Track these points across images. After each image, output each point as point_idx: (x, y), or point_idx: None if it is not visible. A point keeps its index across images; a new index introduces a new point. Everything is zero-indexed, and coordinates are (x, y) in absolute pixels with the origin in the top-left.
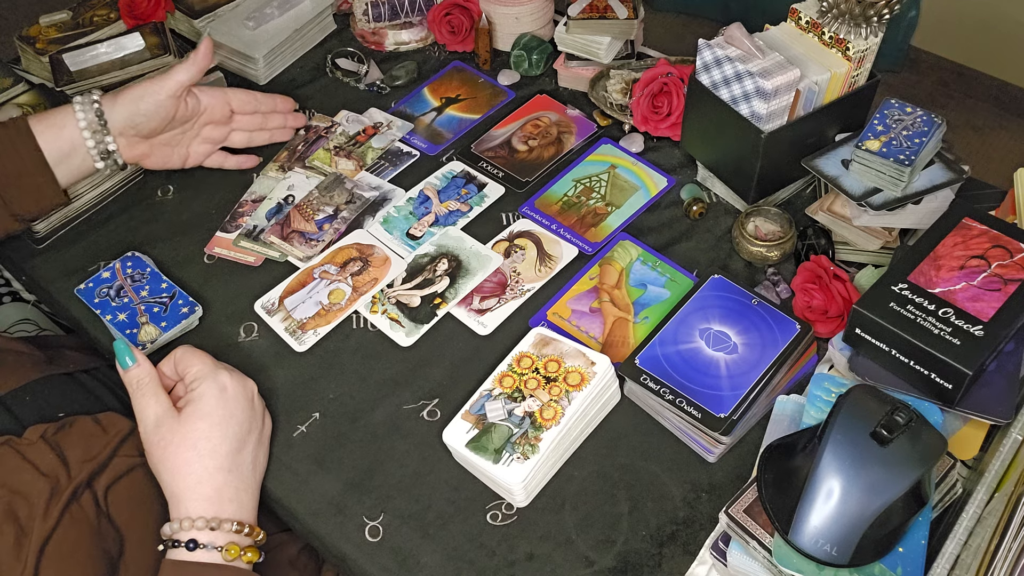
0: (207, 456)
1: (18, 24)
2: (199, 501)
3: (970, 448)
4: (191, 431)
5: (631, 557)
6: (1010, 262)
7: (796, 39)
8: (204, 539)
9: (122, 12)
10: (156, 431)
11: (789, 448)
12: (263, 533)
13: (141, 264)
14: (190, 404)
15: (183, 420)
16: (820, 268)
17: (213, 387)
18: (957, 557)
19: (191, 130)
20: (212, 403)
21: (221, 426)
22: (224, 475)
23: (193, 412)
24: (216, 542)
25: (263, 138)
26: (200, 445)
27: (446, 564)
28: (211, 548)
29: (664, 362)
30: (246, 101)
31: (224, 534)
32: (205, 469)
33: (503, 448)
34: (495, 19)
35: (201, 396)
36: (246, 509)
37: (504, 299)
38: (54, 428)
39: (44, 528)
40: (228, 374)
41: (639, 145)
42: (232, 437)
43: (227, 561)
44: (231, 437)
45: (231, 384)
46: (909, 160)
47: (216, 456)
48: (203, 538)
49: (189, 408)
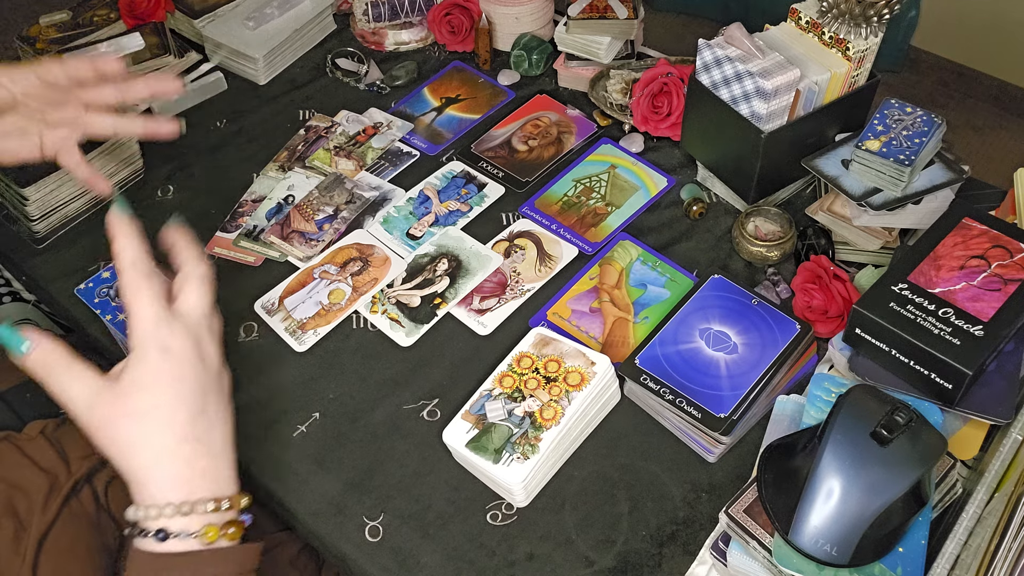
0: (163, 429)
1: (18, 24)
2: (164, 483)
3: (970, 448)
4: (136, 404)
5: (631, 557)
6: (1010, 262)
7: (796, 39)
8: (176, 527)
9: (122, 12)
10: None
11: (789, 448)
12: (247, 497)
13: None
14: (128, 371)
15: (122, 393)
16: (820, 268)
17: (153, 350)
18: (957, 557)
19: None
20: (154, 368)
21: (170, 393)
22: (189, 446)
23: (133, 382)
24: (190, 528)
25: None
26: (149, 419)
27: (446, 564)
28: (184, 536)
29: (664, 362)
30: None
31: (199, 516)
32: (163, 445)
33: (503, 448)
34: (495, 19)
35: (142, 359)
36: (222, 478)
37: (504, 299)
38: (54, 424)
39: (43, 522)
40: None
41: (639, 145)
42: (187, 403)
43: (205, 546)
44: (186, 403)
45: (175, 341)
46: (909, 160)
47: (174, 428)
48: (174, 526)
49: (127, 377)
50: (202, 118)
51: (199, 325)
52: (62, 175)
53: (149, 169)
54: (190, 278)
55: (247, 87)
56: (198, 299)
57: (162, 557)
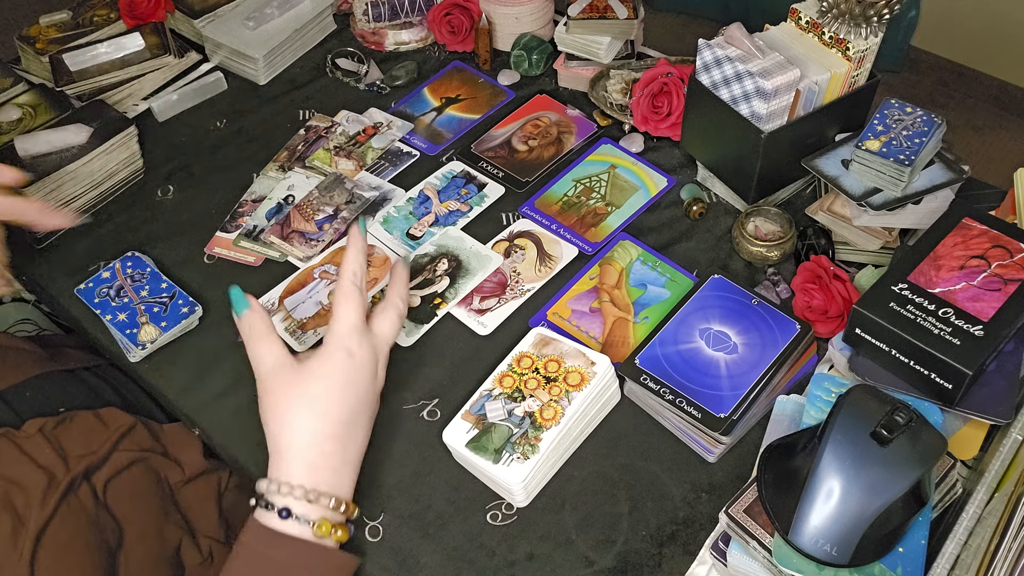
0: (320, 418)
1: (18, 24)
2: (301, 466)
3: (970, 448)
4: (310, 387)
5: (631, 557)
6: (1010, 262)
7: (796, 39)
8: (299, 510)
9: (122, 12)
10: (273, 375)
11: (789, 448)
12: (356, 509)
13: (141, 264)
14: (314, 359)
15: (303, 373)
16: (820, 268)
17: (342, 350)
18: (957, 557)
19: None
20: (337, 365)
21: (340, 391)
22: (332, 443)
23: (315, 369)
24: (310, 516)
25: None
26: (316, 405)
27: (446, 564)
28: (303, 521)
29: (664, 362)
30: None
31: (319, 508)
32: (316, 431)
33: (503, 448)
34: (495, 19)
35: (329, 355)
36: (345, 484)
37: (504, 299)
38: (53, 423)
39: (41, 517)
40: (361, 341)
41: (639, 145)
42: (348, 407)
43: (317, 538)
44: (348, 407)
45: (360, 352)
46: (909, 160)
47: (329, 420)
48: (298, 509)
49: (312, 363)
50: (202, 118)
51: (383, 348)
52: (62, 175)
53: (149, 169)
54: (391, 308)
55: (247, 87)
56: (391, 328)
57: (277, 535)
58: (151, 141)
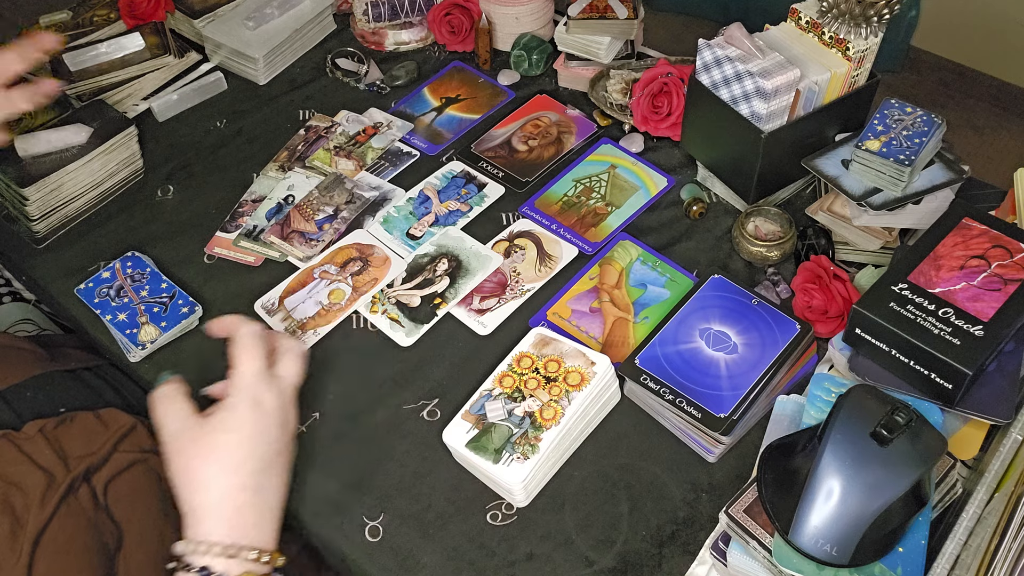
0: (231, 472)
1: (18, 24)
2: (218, 522)
3: (970, 448)
4: (216, 443)
5: (631, 557)
6: (1010, 262)
7: (796, 39)
8: (218, 567)
9: (122, 12)
10: (177, 436)
11: (789, 448)
12: (283, 558)
13: (141, 264)
14: (219, 413)
15: (208, 429)
16: (820, 268)
17: (247, 400)
18: (957, 557)
19: None
20: (244, 417)
21: (250, 442)
22: (248, 495)
23: (220, 423)
24: (231, 572)
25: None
26: (224, 459)
27: (446, 564)
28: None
29: (664, 362)
30: None
31: (240, 562)
32: (228, 486)
33: (503, 448)
34: (495, 19)
35: (234, 407)
36: (267, 533)
37: (504, 299)
38: (54, 423)
39: (40, 519)
40: (268, 388)
41: (639, 145)
42: (260, 456)
43: None
44: (259, 456)
45: (269, 400)
46: (909, 160)
47: (240, 473)
48: (218, 566)
49: (217, 417)
50: (202, 118)
51: (290, 391)
52: (62, 175)
53: (149, 169)
54: (290, 350)
55: (247, 87)
56: (295, 371)
57: None
58: (151, 141)
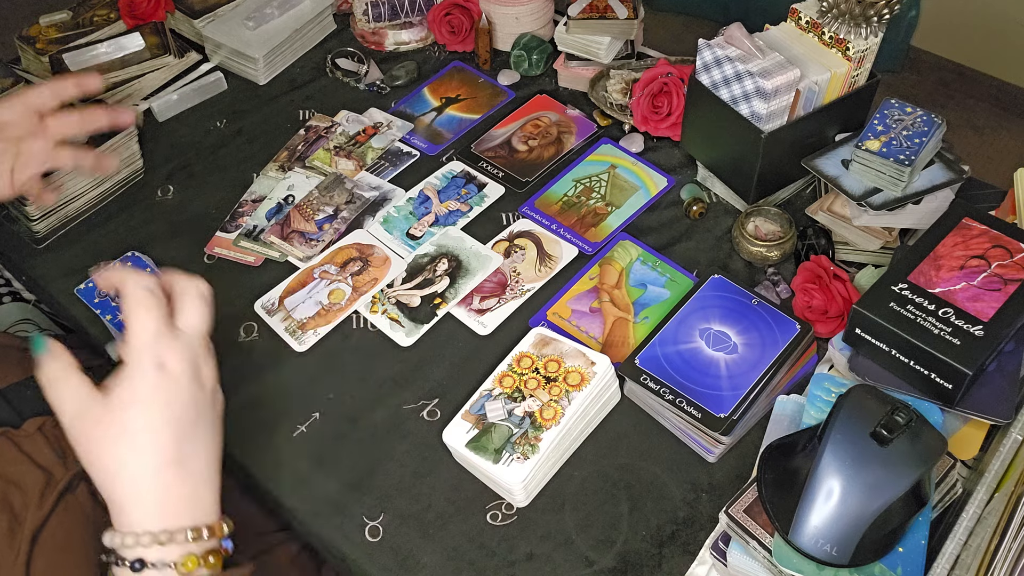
0: (148, 452)
1: (18, 24)
2: (143, 510)
3: (970, 448)
4: (123, 423)
5: (631, 557)
6: (1010, 262)
7: (796, 39)
8: (152, 557)
9: (122, 12)
10: (79, 419)
11: (789, 448)
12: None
13: (141, 264)
14: (121, 386)
15: (111, 408)
16: (820, 268)
17: (149, 365)
18: (957, 557)
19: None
20: (149, 386)
21: (162, 413)
22: (172, 471)
23: (125, 398)
24: (167, 558)
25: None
26: (137, 439)
27: (446, 564)
28: (161, 567)
29: (664, 362)
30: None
31: (177, 546)
32: (146, 467)
33: (503, 448)
34: (495, 19)
35: (134, 376)
36: (203, 505)
37: (504, 299)
38: (53, 422)
39: (38, 517)
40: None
41: (639, 145)
42: (177, 425)
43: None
44: (175, 426)
45: (173, 359)
46: (909, 160)
47: (159, 450)
48: (151, 555)
49: (119, 392)
50: (202, 118)
51: (198, 344)
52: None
53: (149, 169)
54: (188, 295)
55: (247, 87)
56: (198, 317)
57: None
58: (151, 141)
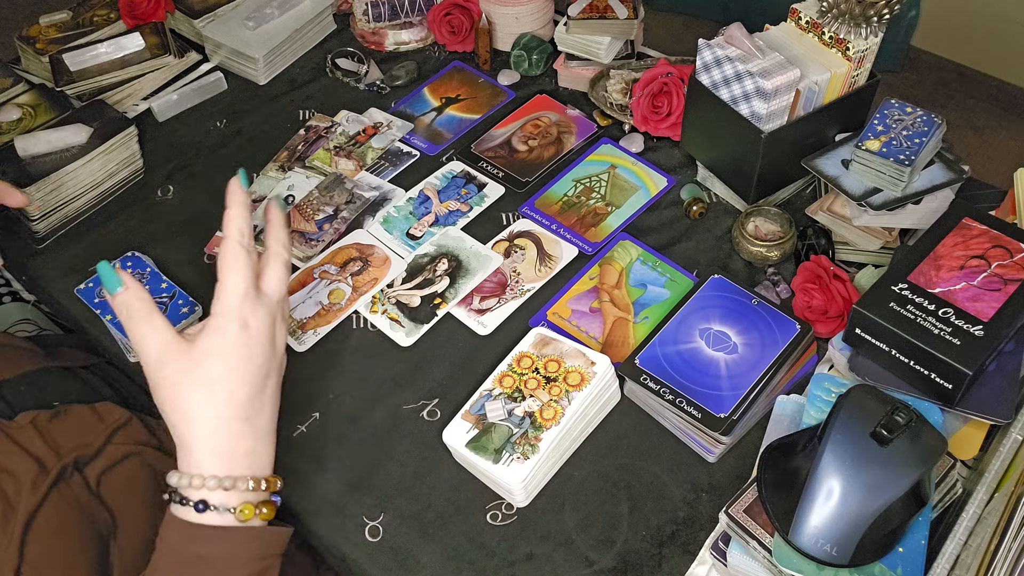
0: (223, 403)
1: (18, 24)
2: (212, 456)
3: (970, 448)
4: (205, 372)
5: (631, 557)
6: (1010, 262)
7: (796, 39)
8: (216, 500)
9: (122, 12)
10: (161, 364)
11: (789, 448)
12: (279, 480)
13: (141, 264)
14: (206, 338)
15: (196, 357)
16: (820, 268)
17: (235, 323)
18: (957, 557)
19: None
20: (232, 342)
21: (240, 369)
22: (240, 424)
23: (209, 350)
24: (228, 503)
25: None
26: (216, 389)
27: (446, 564)
28: (223, 510)
29: (664, 362)
30: None
31: (238, 494)
32: (220, 417)
33: (503, 448)
34: (495, 19)
35: (221, 331)
36: (262, 460)
37: (504, 299)
38: (47, 416)
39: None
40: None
41: (639, 145)
42: (251, 382)
43: (240, 523)
44: (250, 381)
45: (255, 320)
46: (909, 160)
47: (232, 403)
48: (215, 499)
49: (204, 343)
50: (202, 118)
51: (277, 307)
52: (62, 175)
53: (149, 169)
54: (274, 260)
55: (247, 87)
56: (279, 282)
57: (197, 527)
58: (151, 141)
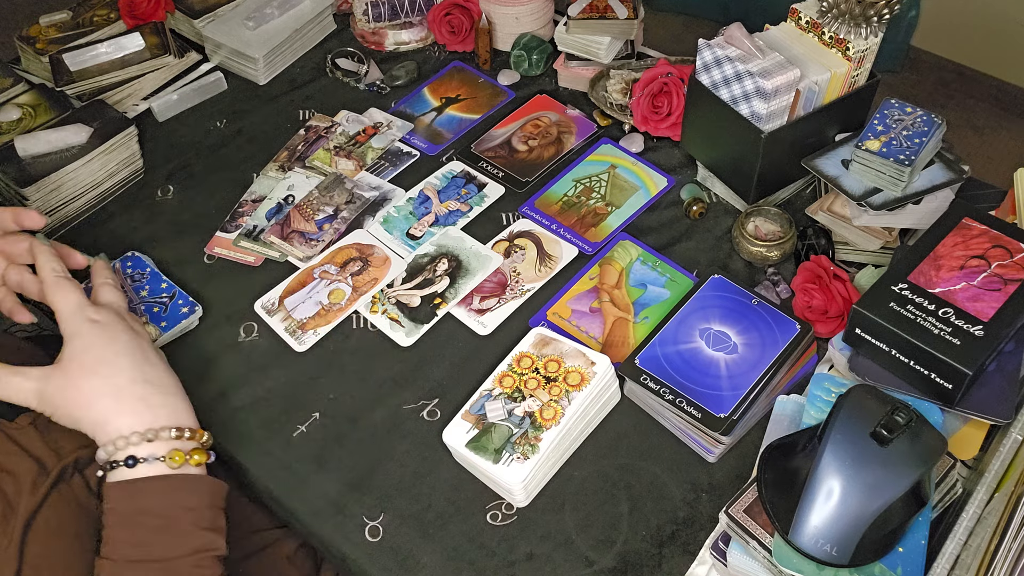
0: (113, 376)
1: (18, 24)
2: (126, 416)
3: (970, 448)
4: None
5: (631, 557)
6: (1010, 262)
7: (796, 39)
8: (143, 452)
9: (122, 12)
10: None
11: (789, 448)
12: (207, 434)
13: (141, 264)
14: (65, 347)
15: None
16: (820, 268)
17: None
18: (957, 557)
19: None
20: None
21: (110, 348)
22: (141, 386)
23: (73, 352)
24: (156, 452)
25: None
26: (99, 371)
27: (446, 564)
28: (153, 460)
29: (664, 362)
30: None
31: (164, 443)
32: (118, 387)
33: (503, 448)
34: (495, 19)
35: (74, 333)
36: (180, 413)
37: (504, 299)
38: (47, 416)
39: (31, 504)
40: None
41: (639, 145)
42: (127, 353)
43: (173, 469)
44: (126, 353)
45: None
46: (909, 160)
47: (122, 373)
48: (142, 452)
49: (66, 351)
50: (202, 118)
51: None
52: (62, 175)
53: (149, 169)
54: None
55: (247, 87)
56: (115, 297)
57: (135, 483)
58: (151, 141)
